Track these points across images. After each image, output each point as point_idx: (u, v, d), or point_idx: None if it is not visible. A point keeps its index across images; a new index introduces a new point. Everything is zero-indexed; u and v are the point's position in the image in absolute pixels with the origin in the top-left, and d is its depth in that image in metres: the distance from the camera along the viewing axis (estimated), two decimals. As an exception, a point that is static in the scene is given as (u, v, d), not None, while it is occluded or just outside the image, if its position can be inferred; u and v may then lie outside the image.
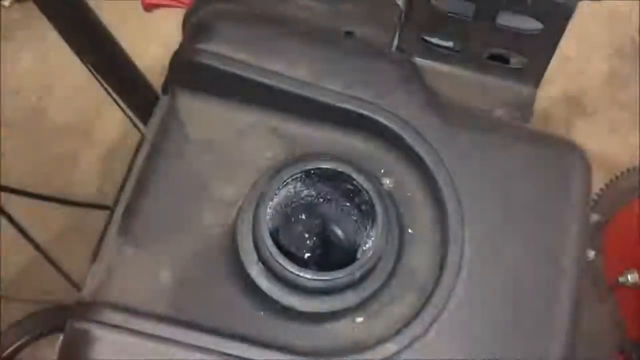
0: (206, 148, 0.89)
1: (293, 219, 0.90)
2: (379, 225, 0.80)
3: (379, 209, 0.81)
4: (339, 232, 0.92)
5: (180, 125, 0.90)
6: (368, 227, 0.85)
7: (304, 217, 0.90)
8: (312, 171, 0.83)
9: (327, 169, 0.83)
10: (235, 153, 0.89)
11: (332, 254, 0.91)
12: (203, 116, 0.91)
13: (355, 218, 0.89)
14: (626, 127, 2.42)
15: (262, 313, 0.82)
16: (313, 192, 0.88)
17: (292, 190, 0.86)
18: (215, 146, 0.89)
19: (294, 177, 0.83)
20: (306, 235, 0.91)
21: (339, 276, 0.78)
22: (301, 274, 0.78)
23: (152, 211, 0.86)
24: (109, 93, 1.46)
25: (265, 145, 0.90)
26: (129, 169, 0.90)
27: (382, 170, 0.89)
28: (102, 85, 1.43)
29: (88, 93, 1.47)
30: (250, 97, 0.90)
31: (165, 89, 0.92)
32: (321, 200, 0.90)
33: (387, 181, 0.88)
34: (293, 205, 0.89)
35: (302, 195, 0.88)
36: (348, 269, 0.79)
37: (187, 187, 0.88)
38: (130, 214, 0.86)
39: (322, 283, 0.79)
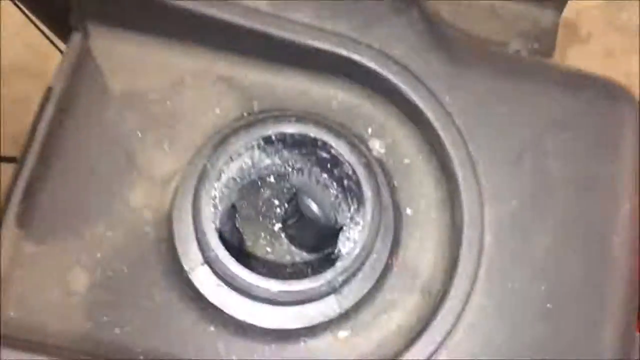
0: (133, 104, 0.68)
1: (251, 197, 0.68)
2: (368, 212, 0.59)
3: (367, 191, 0.59)
4: (315, 208, 0.71)
5: (97, 74, 0.69)
6: (352, 209, 0.63)
7: (266, 194, 0.68)
8: (274, 137, 0.61)
9: (293, 134, 0.60)
10: (173, 110, 0.68)
11: (306, 233, 0.70)
12: (128, 61, 0.69)
13: (334, 192, 0.67)
14: (623, 52, 2.30)
15: (212, 328, 0.62)
16: (278, 161, 0.66)
17: (248, 161, 0.64)
18: (145, 101, 0.68)
19: (248, 147, 0.60)
20: (270, 217, 0.69)
21: (313, 286, 0.57)
22: (261, 285, 0.56)
23: (61, 192, 0.65)
24: (46, 36, 1.22)
25: (212, 99, 0.69)
26: (31, 134, 0.67)
27: (370, 130, 0.68)
28: (37, 27, 1.19)
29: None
30: (189, 35, 0.68)
31: (75, 25, 0.69)
32: (289, 169, 0.68)
33: (376, 145, 0.68)
34: (251, 178, 0.67)
35: (263, 165, 0.66)
36: (327, 275, 0.58)
37: (107, 158, 0.67)
38: (31, 197, 0.65)
39: (291, 296, 0.57)
